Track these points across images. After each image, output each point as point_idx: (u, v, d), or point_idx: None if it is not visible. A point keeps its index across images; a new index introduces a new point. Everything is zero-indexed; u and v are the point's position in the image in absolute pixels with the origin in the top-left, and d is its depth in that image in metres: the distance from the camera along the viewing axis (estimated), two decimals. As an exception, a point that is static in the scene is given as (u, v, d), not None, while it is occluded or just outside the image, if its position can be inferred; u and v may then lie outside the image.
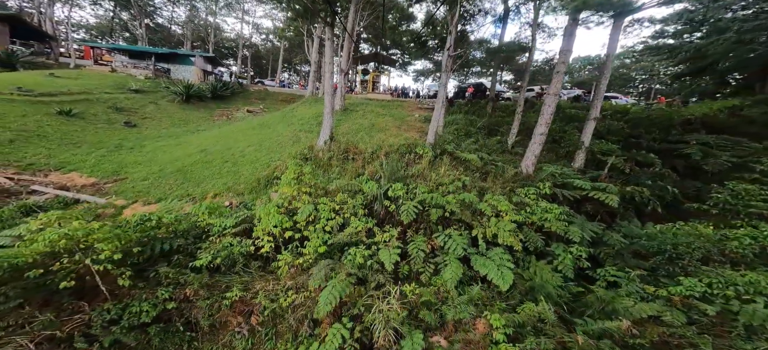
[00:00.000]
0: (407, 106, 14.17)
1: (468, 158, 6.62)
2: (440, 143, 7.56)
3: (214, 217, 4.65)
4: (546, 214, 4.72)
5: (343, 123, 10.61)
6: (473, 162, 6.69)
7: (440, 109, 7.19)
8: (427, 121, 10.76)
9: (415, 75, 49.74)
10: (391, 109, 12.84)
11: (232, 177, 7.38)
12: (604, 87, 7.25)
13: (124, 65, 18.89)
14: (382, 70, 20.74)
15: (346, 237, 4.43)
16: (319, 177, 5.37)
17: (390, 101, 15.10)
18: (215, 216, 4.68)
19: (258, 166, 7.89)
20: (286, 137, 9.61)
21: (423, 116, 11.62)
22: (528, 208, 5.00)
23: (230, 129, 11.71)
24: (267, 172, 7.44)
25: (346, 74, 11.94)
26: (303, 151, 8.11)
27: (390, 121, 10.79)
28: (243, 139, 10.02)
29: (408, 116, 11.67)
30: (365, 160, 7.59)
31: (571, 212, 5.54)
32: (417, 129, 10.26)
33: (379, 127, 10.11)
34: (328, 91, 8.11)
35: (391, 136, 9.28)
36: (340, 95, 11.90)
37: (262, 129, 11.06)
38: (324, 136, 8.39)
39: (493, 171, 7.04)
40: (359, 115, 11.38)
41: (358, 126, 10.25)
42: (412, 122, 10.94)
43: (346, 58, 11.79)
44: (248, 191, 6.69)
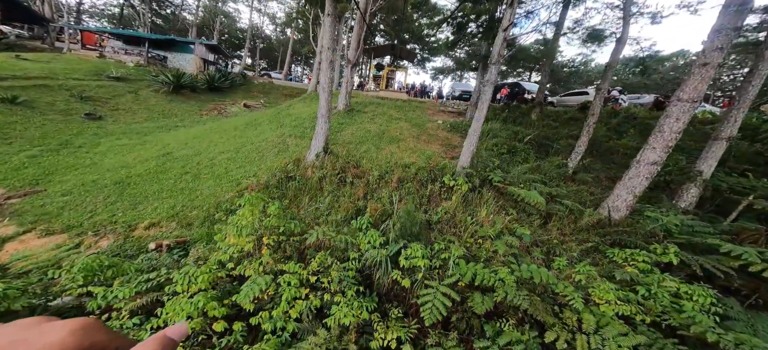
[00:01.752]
0: (427, 108, 12.07)
1: (526, 197, 4.43)
2: (480, 168, 5.39)
3: (97, 283, 2.78)
4: (679, 304, 2.53)
5: (345, 127, 8.67)
6: (534, 202, 4.49)
7: (482, 118, 5.03)
8: (455, 131, 8.63)
9: (434, 73, 47.46)
10: (408, 112, 10.78)
11: (186, 197, 5.57)
12: (756, 88, 4.78)
13: (116, 51, 18.00)
14: (398, 65, 18.75)
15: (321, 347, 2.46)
16: (291, 223, 3.41)
17: (406, 101, 13.06)
18: (100, 283, 2.81)
19: (224, 182, 6.06)
20: (271, 143, 7.77)
21: (448, 123, 9.48)
22: (640, 289, 2.85)
23: (212, 127, 10.07)
24: (232, 193, 5.59)
25: (355, 66, 10.01)
26: (286, 166, 6.21)
27: (406, 128, 8.74)
28: (220, 142, 8.29)
29: (428, 122, 9.57)
30: (370, 186, 5.59)
31: (718, 296, 3.26)
32: (441, 141, 8.14)
33: (392, 136, 8.08)
34: (325, 87, 6.17)
35: (407, 151, 7.23)
36: (345, 92, 9.98)
37: (247, 130, 9.31)
38: (316, 146, 6.45)
39: (559, 213, 4.81)
40: (367, 118, 9.40)
41: (365, 133, 8.26)
42: (434, 131, 8.83)
43: (355, 45, 9.87)
44: (200, 222, 4.84)
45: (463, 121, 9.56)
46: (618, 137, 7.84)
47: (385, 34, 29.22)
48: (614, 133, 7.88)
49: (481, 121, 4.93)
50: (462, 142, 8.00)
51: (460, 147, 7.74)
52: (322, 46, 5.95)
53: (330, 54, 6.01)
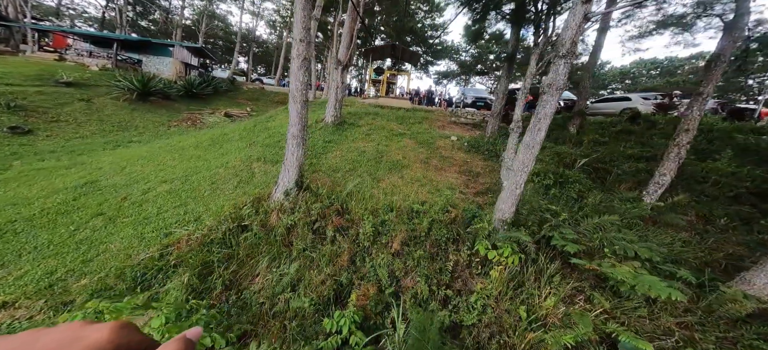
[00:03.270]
0: (435, 119, 10.36)
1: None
2: (531, 220, 3.61)
3: None
4: None
5: (332, 148, 6.94)
6: (622, 279, 2.69)
7: (536, 145, 3.21)
8: (475, 152, 6.88)
9: (437, 77, 46.16)
10: (412, 124, 9.07)
11: (81, 254, 3.84)
12: None
13: (80, 53, 16.59)
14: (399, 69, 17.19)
15: None
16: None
17: (410, 110, 11.38)
18: None
19: (148, 231, 4.31)
20: (232, 169, 6.03)
21: (464, 139, 7.73)
22: None
23: (170, 144, 8.38)
24: (154, 249, 3.86)
25: (347, 68, 8.36)
26: (241, 209, 4.46)
27: (411, 148, 7.00)
28: (169, 166, 6.57)
29: (439, 138, 7.83)
30: (359, 244, 3.83)
31: None
32: (458, 166, 6.37)
33: (393, 160, 6.33)
34: (297, 95, 4.47)
35: (414, 184, 5.48)
36: (335, 100, 8.29)
37: (210, 149, 7.60)
38: (286, 181, 4.72)
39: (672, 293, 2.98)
40: (362, 134, 7.68)
41: (357, 155, 6.53)
42: (448, 151, 7.07)
43: (346, 43, 8.25)
44: (85, 298, 3.05)
45: (484, 138, 7.82)
46: (699, 158, 6.04)
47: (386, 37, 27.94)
48: (693, 152, 6.08)
49: (535, 149, 3.16)
50: (487, 168, 6.23)
51: (485, 175, 5.97)
52: (293, 35, 4.23)
53: (302, 48, 4.31)
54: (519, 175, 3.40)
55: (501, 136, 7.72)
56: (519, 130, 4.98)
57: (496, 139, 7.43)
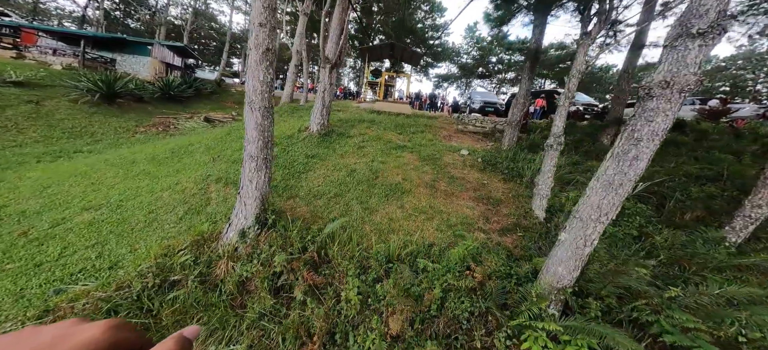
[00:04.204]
0: (440, 126, 9.19)
1: None
2: (603, 284, 2.36)
3: None
4: None
5: (315, 165, 5.70)
6: None
7: (628, 180, 1.99)
8: (492, 169, 5.72)
9: (438, 80, 45.35)
10: (414, 134, 7.88)
11: None
12: None
13: (43, 51, 15.29)
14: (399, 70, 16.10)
15: None
16: None
17: (411, 116, 10.21)
18: None
19: (31, 286, 3.07)
20: (182, 193, 4.77)
21: (477, 153, 6.54)
22: None
23: (120, 156, 7.09)
24: (31, 315, 2.43)
25: (336, 68, 7.19)
26: (177, 254, 3.21)
27: (413, 165, 5.79)
28: (107, 185, 5.28)
29: (447, 152, 6.64)
30: (341, 312, 2.58)
31: None
32: (473, 189, 5.16)
33: (391, 183, 5.11)
34: (255, 101, 3.27)
35: (419, 216, 4.27)
36: (321, 106, 7.08)
37: (166, 162, 6.34)
38: (242, 217, 3.50)
39: None
40: (353, 147, 6.46)
41: (346, 176, 5.31)
42: (459, 169, 5.87)
43: (335, 38, 7.13)
44: None
45: (500, 152, 6.64)
46: None
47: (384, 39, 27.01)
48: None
49: (623, 189, 1.95)
50: (509, 192, 5.02)
51: (509, 203, 4.77)
52: (250, 22, 2.94)
53: (263, 36, 3.12)
54: (591, 226, 2.20)
55: (521, 149, 6.54)
56: (559, 147, 3.81)
57: (517, 153, 6.26)
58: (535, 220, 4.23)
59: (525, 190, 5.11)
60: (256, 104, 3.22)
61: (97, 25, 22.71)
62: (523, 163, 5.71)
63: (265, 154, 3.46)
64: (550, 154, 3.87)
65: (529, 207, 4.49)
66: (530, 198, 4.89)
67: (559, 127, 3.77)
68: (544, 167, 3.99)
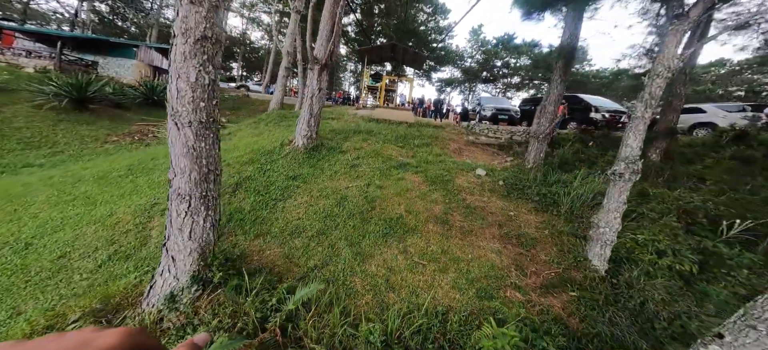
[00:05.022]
0: (448, 138, 8.13)
1: None
2: None
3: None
4: None
5: (297, 190, 4.64)
6: None
7: None
8: (517, 194, 4.66)
9: (440, 85, 44.54)
10: (419, 147, 6.83)
11: None
12: None
13: (16, 53, 14.47)
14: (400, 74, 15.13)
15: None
16: None
17: (414, 125, 9.16)
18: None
19: None
20: (117, 227, 3.70)
21: (495, 172, 5.45)
22: None
23: (68, 173, 6.06)
24: None
25: (326, 69, 6.18)
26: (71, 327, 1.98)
27: (418, 190, 4.70)
28: (28, 213, 4.22)
29: (458, 171, 5.55)
30: None
31: None
32: (497, 225, 4.08)
33: (390, 214, 4.03)
34: (186, 113, 2.17)
35: (425, 267, 3.13)
36: (308, 115, 6.04)
37: (119, 181, 5.29)
38: (170, 276, 2.38)
39: None
40: (345, 165, 5.39)
41: (334, 203, 4.24)
42: (475, 194, 4.77)
43: (326, 34, 6.15)
44: None
45: (523, 169, 5.55)
46: None
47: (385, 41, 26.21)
48: None
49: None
50: (545, 227, 3.93)
51: (547, 244, 3.68)
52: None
53: (194, 18, 2.06)
54: None
55: (552, 168, 5.43)
56: (634, 177, 2.72)
57: (547, 173, 5.16)
58: (592, 273, 3.12)
59: (565, 225, 4.00)
60: (184, 117, 2.16)
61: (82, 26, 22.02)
62: (558, 187, 4.61)
63: (205, 190, 2.39)
64: (618, 186, 2.78)
65: (579, 253, 3.38)
66: (574, 236, 3.79)
67: (634, 147, 2.69)
68: (607, 203, 2.90)
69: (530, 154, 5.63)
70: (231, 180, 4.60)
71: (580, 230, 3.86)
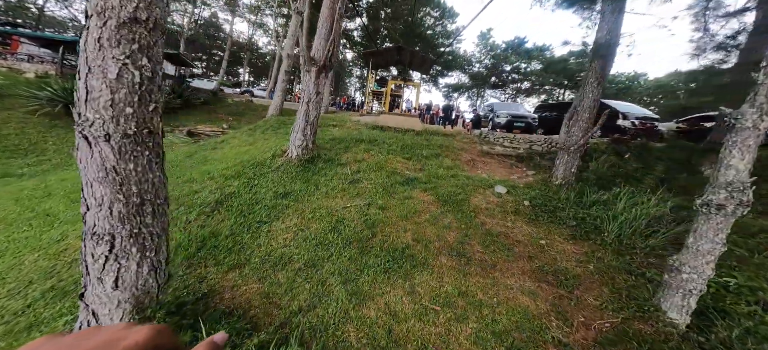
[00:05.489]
0: (459, 147, 7.43)
1: None
2: None
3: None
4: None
5: (287, 209, 4.01)
6: None
7: None
8: (549, 218, 3.90)
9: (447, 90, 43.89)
10: (427, 157, 6.14)
11: None
12: None
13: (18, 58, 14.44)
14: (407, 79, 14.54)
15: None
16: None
17: (421, 133, 8.50)
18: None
19: None
20: (54, 261, 3.11)
21: (518, 190, 4.70)
22: None
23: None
24: None
25: (324, 71, 5.61)
26: None
27: (428, 212, 4.01)
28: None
29: (473, 187, 4.84)
30: None
31: None
32: (526, 257, 3.34)
33: (394, 242, 3.33)
34: (98, 121, 1.56)
35: (438, 314, 2.39)
36: (305, 121, 5.45)
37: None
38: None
39: None
40: (343, 180, 4.74)
41: (328, 227, 3.56)
42: (496, 217, 4.04)
43: (325, 32, 5.60)
44: None
45: (551, 186, 4.79)
46: None
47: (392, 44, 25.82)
48: None
49: None
50: (588, 260, 3.19)
51: (594, 282, 2.94)
52: None
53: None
54: None
55: (588, 185, 4.65)
56: (742, 209, 1.92)
57: (583, 192, 4.38)
58: (668, 327, 2.35)
59: (615, 258, 3.24)
60: (98, 128, 1.54)
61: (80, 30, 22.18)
62: (599, 210, 3.85)
63: (137, 226, 1.76)
64: (714, 222, 2.02)
65: (645, 298, 2.62)
66: (629, 273, 3.03)
67: (740, 169, 1.89)
68: (695, 242, 2.13)
69: (558, 168, 4.87)
70: (210, 198, 3.99)
71: (635, 265, 3.10)
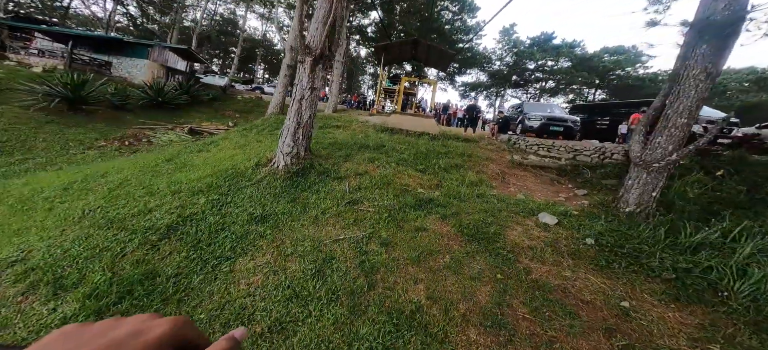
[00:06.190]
0: (483, 155, 6.28)
1: None
2: None
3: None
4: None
5: (257, 242, 3.03)
6: None
7: None
8: (627, 264, 2.64)
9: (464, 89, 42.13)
10: (446, 169, 5.06)
11: None
12: None
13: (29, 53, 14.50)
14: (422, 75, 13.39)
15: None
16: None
17: (438, 137, 7.39)
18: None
19: None
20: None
21: (577, 221, 3.54)
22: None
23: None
24: None
25: (321, 61, 4.65)
26: None
27: (447, 251, 2.93)
28: None
29: (510, 213, 3.71)
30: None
31: None
32: (601, 335, 2.16)
33: (400, 302, 2.26)
34: None
35: None
36: (296, 122, 4.52)
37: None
38: None
39: None
40: (337, 201, 3.75)
41: (312, 267, 2.53)
42: (547, 265, 2.90)
43: (322, 14, 4.64)
44: None
45: (621, 213, 3.60)
46: None
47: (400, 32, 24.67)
48: None
49: None
50: (704, 335, 1.94)
51: None
52: None
53: None
54: None
55: (685, 217, 3.38)
56: None
57: (678, 225, 3.15)
58: None
59: (756, 338, 2.06)
60: None
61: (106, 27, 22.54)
62: (711, 257, 2.64)
63: None
64: None
65: None
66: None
67: None
68: None
69: (631, 190, 3.60)
70: (161, 221, 3.11)
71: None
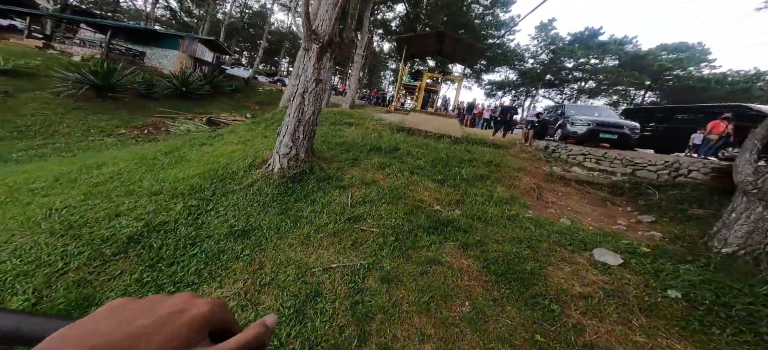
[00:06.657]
0: (514, 164, 5.38)
1: None
2: None
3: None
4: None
5: (236, 259, 2.45)
6: None
7: None
8: (733, 329, 1.62)
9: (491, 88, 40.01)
10: (469, 182, 4.27)
11: None
12: None
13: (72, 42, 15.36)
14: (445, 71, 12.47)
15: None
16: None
17: (461, 141, 6.55)
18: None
19: None
20: None
21: (653, 264, 2.65)
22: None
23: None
24: None
25: (329, 48, 4.01)
26: None
27: (466, 291, 2.20)
28: None
29: (553, 247, 2.88)
30: None
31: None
32: None
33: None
34: None
35: None
36: (297, 119, 3.93)
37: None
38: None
39: None
40: (336, 215, 3.12)
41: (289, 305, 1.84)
42: (606, 324, 2.07)
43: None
44: None
45: (712, 250, 2.66)
46: None
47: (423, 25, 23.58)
48: None
49: None
50: None
51: None
52: None
53: None
54: None
55: None
56: None
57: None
58: None
59: None
60: None
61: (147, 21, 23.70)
62: None
63: None
64: None
65: None
66: None
67: None
68: None
69: (734, 225, 2.58)
70: (124, 231, 2.66)
71: None
